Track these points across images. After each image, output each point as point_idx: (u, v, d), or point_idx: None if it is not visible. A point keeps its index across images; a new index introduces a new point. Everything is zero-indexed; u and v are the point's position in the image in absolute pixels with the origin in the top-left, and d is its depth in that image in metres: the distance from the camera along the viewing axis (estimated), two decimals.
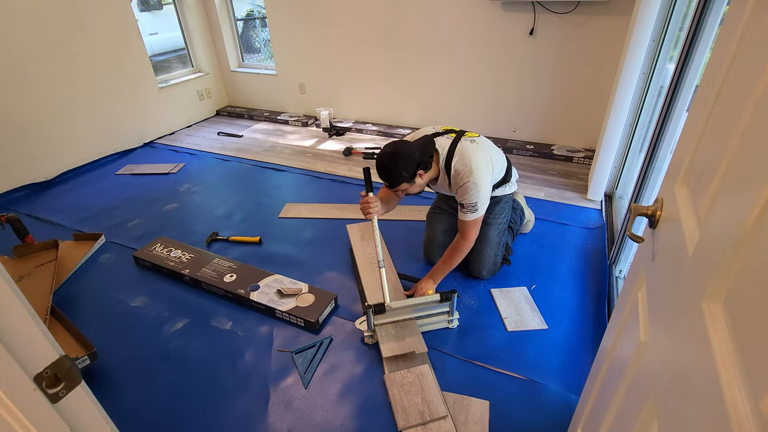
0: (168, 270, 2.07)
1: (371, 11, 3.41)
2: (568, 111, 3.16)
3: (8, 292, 0.52)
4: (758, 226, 0.42)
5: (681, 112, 1.57)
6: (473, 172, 1.65)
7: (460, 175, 1.67)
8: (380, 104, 3.86)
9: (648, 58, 2.10)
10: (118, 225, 2.54)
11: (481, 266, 1.94)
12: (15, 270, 2.05)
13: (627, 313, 0.87)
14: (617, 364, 0.85)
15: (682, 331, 0.55)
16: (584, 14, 2.79)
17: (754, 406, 0.36)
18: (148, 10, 5.52)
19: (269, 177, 3.11)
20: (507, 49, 3.12)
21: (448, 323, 1.74)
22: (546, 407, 1.43)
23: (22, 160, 2.94)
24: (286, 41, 3.93)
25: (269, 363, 1.62)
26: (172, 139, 3.86)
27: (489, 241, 1.91)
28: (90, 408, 0.65)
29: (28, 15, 2.80)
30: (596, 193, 2.61)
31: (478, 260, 1.94)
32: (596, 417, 0.93)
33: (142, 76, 3.62)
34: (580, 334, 1.70)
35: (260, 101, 4.44)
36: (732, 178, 0.51)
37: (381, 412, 1.42)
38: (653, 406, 0.60)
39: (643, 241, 0.83)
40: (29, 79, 2.88)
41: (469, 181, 1.65)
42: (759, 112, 0.47)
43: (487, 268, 1.95)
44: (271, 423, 1.40)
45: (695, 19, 1.39)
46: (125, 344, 1.73)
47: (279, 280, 1.97)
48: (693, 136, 0.69)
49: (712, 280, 0.49)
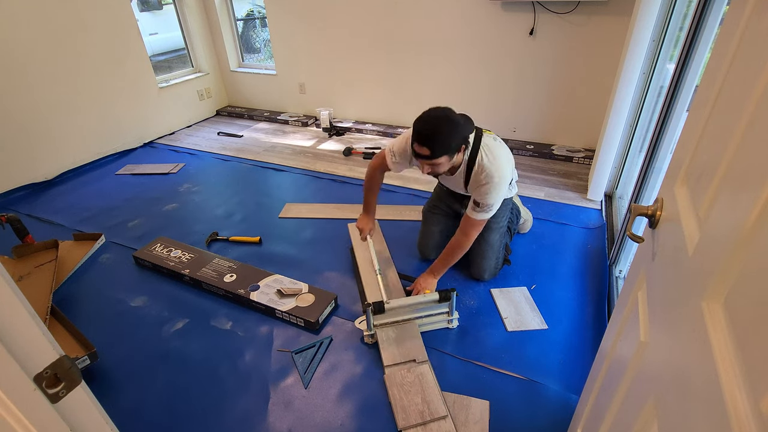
0: (168, 270, 2.07)
1: (371, 11, 3.41)
2: (568, 111, 3.16)
3: (8, 292, 0.52)
4: (758, 226, 0.42)
5: (681, 112, 1.57)
6: (499, 170, 1.60)
7: (485, 173, 1.61)
8: (380, 104, 3.86)
9: (648, 58, 2.10)
10: (118, 225, 2.54)
11: (483, 269, 1.93)
12: (15, 270, 2.05)
13: (627, 313, 0.87)
14: (617, 364, 0.85)
15: (682, 331, 0.55)
16: (584, 14, 2.79)
17: (754, 406, 0.36)
18: (148, 10, 5.52)
19: (269, 177, 3.11)
20: (507, 49, 3.12)
21: (447, 323, 1.74)
22: (546, 407, 1.43)
23: (22, 160, 2.94)
24: (286, 41, 3.93)
25: (269, 363, 1.62)
26: (172, 139, 3.86)
27: (491, 244, 1.91)
28: (90, 408, 0.65)
29: (28, 15, 2.80)
30: (596, 193, 2.61)
31: (480, 264, 1.93)
32: (596, 417, 0.93)
33: (142, 76, 3.62)
34: (580, 334, 1.70)
35: (260, 101, 4.44)
36: (732, 178, 0.51)
37: (381, 412, 1.42)
38: (653, 406, 0.60)
39: (643, 241, 0.83)
40: (29, 79, 2.88)
41: (494, 181, 1.59)
42: (759, 112, 0.47)
43: (489, 271, 1.94)
44: (271, 423, 1.40)
45: (695, 19, 1.39)
46: (125, 344, 1.73)
47: (279, 280, 1.97)
48: (693, 136, 0.69)
49: (712, 280, 0.49)
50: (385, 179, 2.98)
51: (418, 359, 1.56)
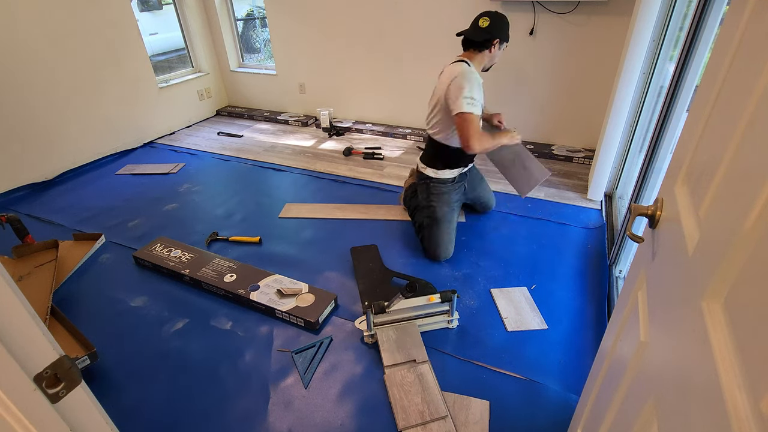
0: (168, 270, 2.07)
1: (371, 11, 3.41)
2: (568, 111, 3.16)
3: (8, 292, 0.52)
4: (758, 226, 0.42)
5: (681, 112, 1.57)
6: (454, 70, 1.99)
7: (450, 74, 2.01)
8: (380, 104, 3.86)
9: (648, 58, 2.10)
10: (118, 225, 2.54)
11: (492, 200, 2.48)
12: (15, 270, 2.05)
13: (627, 313, 0.87)
14: (617, 364, 0.85)
15: (682, 331, 0.55)
16: (584, 14, 2.79)
17: (754, 406, 0.36)
18: (148, 10, 5.52)
19: (269, 177, 3.11)
20: (507, 49, 3.11)
21: (448, 323, 1.74)
22: (546, 407, 1.43)
23: (22, 160, 2.94)
24: (286, 41, 3.93)
25: (269, 363, 1.62)
26: (172, 139, 3.86)
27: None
28: (90, 408, 0.65)
29: (28, 15, 2.80)
30: (596, 193, 2.61)
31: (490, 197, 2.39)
32: (596, 417, 0.93)
33: (142, 76, 3.62)
34: (580, 334, 1.70)
35: (260, 101, 4.44)
36: (732, 178, 0.51)
37: (381, 412, 1.42)
38: (653, 406, 0.60)
39: (643, 241, 0.83)
40: (29, 78, 2.88)
41: (457, 75, 1.95)
42: (759, 112, 0.47)
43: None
44: (271, 423, 1.40)
45: (695, 19, 1.39)
46: (125, 344, 1.73)
47: (279, 280, 1.97)
48: (693, 136, 0.69)
49: (712, 280, 0.49)
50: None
51: (418, 359, 1.56)
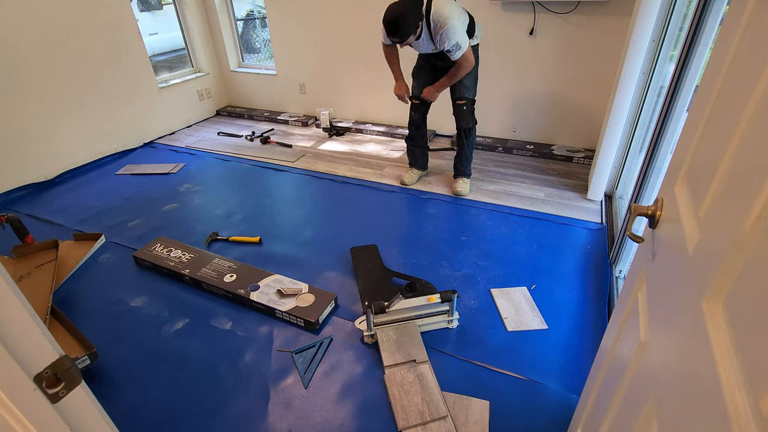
0: (168, 270, 2.07)
1: (372, 11, 3.41)
2: (568, 111, 3.16)
3: (8, 292, 0.52)
4: (758, 226, 0.42)
5: (681, 112, 1.57)
6: (445, 11, 2.10)
7: (439, 21, 2.11)
8: (380, 104, 3.85)
9: (648, 58, 2.10)
10: (118, 225, 2.54)
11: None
12: (15, 270, 2.05)
13: (627, 313, 0.87)
14: (617, 364, 0.85)
15: (682, 331, 0.55)
16: (584, 14, 2.79)
17: (754, 406, 0.36)
18: (148, 10, 5.52)
19: (269, 177, 3.11)
20: (507, 49, 3.12)
21: (448, 323, 1.74)
22: (546, 407, 1.43)
23: (22, 160, 2.94)
24: (286, 41, 3.93)
25: (269, 363, 1.62)
26: (172, 139, 3.86)
27: None
28: (90, 408, 0.65)
29: (28, 15, 2.80)
30: (596, 193, 2.61)
31: None
32: (596, 417, 0.93)
33: (142, 76, 3.62)
34: (580, 334, 1.70)
35: (260, 101, 4.44)
36: (732, 178, 0.51)
37: (381, 412, 1.42)
38: (653, 406, 0.60)
39: (643, 241, 0.83)
40: (29, 79, 2.88)
41: (448, 22, 2.09)
42: (759, 112, 0.47)
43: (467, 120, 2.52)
44: (271, 423, 1.40)
45: (695, 19, 1.39)
46: (125, 344, 1.73)
47: (279, 280, 1.97)
48: (693, 136, 0.69)
49: (712, 280, 0.49)
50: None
51: (418, 359, 1.56)
